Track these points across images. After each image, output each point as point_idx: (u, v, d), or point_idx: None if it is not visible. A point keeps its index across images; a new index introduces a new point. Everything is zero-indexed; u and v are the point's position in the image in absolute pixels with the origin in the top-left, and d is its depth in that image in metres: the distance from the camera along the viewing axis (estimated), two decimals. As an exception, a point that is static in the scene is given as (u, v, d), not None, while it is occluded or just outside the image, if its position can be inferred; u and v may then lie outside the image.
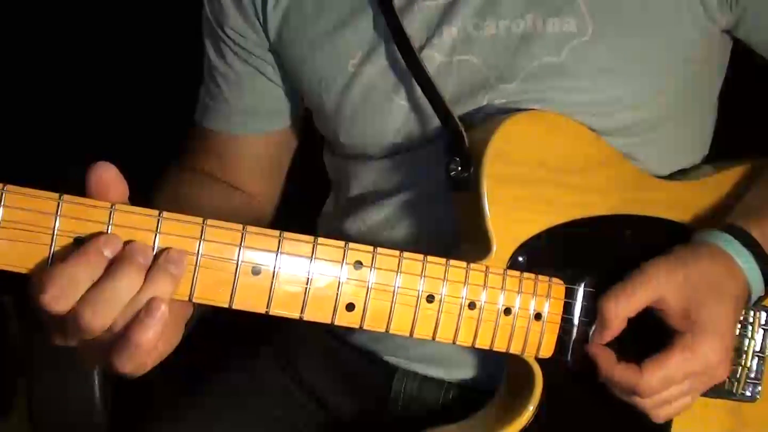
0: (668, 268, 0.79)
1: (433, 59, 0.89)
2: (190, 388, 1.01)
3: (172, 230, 0.69)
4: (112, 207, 0.68)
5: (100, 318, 0.63)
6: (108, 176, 0.66)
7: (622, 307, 0.79)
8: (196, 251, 0.69)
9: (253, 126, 1.06)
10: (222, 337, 1.06)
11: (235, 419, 1.00)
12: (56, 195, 0.67)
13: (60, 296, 0.63)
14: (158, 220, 0.69)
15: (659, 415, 0.81)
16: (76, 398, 1.03)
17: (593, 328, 0.81)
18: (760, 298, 0.85)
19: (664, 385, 0.78)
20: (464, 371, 0.95)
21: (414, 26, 0.89)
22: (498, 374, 0.88)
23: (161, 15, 1.46)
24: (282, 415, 1.00)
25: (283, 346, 1.05)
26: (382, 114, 0.92)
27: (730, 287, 0.81)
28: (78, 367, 1.02)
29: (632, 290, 0.79)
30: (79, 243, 0.66)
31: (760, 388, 0.88)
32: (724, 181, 0.93)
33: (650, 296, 0.79)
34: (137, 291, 0.65)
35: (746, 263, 0.81)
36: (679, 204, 0.89)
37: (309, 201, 1.12)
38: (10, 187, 0.66)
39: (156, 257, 0.67)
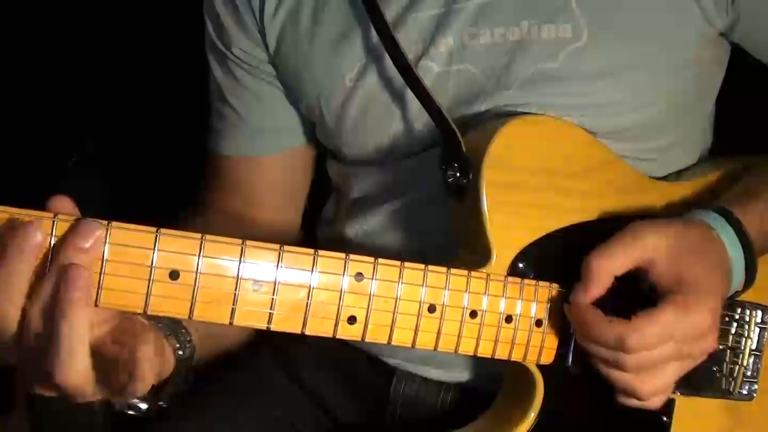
0: (658, 230, 0.78)
1: (430, 69, 0.89)
2: (189, 387, 1.01)
3: (170, 247, 0.68)
4: (108, 224, 0.67)
5: None
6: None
7: (609, 265, 0.77)
8: (195, 268, 0.69)
9: (270, 144, 1.03)
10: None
11: (234, 418, 1.00)
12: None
13: None
14: (156, 236, 0.68)
15: (643, 386, 0.77)
16: (75, 398, 1.03)
17: (574, 288, 0.78)
18: (737, 293, 0.84)
19: (653, 341, 0.75)
20: (463, 372, 0.95)
21: (409, 38, 0.89)
22: (497, 376, 0.88)
23: (166, 36, 1.42)
24: (282, 414, 1.01)
25: (283, 346, 1.05)
26: (382, 125, 0.92)
27: (718, 262, 0.80)
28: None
29: (622, 249, 0.77)
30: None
31: (756, 386, 0.89)
32: (721, 179, 0.92)
33: (639, 256, 0.77)
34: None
35: (735, 253, 0.81)
36: (677, 205, 0.89)
37: (309, 203, 1.11)
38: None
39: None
